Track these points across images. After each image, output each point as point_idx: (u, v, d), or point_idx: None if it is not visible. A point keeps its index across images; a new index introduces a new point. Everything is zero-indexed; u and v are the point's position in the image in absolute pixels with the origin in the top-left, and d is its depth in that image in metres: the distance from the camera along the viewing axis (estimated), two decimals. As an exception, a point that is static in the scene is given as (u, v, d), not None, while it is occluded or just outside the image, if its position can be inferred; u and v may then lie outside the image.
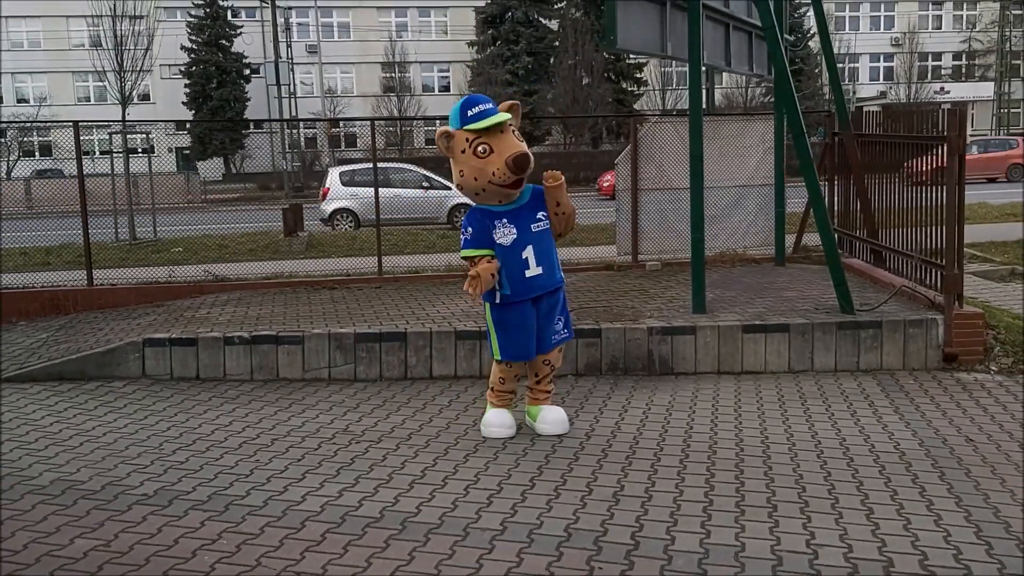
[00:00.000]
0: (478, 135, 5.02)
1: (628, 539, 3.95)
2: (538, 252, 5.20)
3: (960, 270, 6.97)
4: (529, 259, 5.17)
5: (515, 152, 4.99)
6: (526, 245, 5.17)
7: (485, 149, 5.01)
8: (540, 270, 5.21)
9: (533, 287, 5.21)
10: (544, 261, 5.23)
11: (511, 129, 5.10)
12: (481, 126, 5.00)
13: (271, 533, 4.04)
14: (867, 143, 8.98)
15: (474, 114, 5.03)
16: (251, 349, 6.83)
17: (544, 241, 5.25)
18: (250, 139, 44.88)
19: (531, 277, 5.19)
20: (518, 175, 5.02)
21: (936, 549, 3.82)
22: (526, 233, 5.18)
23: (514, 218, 5.18)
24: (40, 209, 23.57)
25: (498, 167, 4.99)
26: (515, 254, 5.16)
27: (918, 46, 51.81)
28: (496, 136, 5.03)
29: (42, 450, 5.23)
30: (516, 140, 5.09)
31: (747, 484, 4.57)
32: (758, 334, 6.84)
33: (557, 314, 5.37)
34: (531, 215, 5.23)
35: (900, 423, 5.54)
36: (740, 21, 8.79)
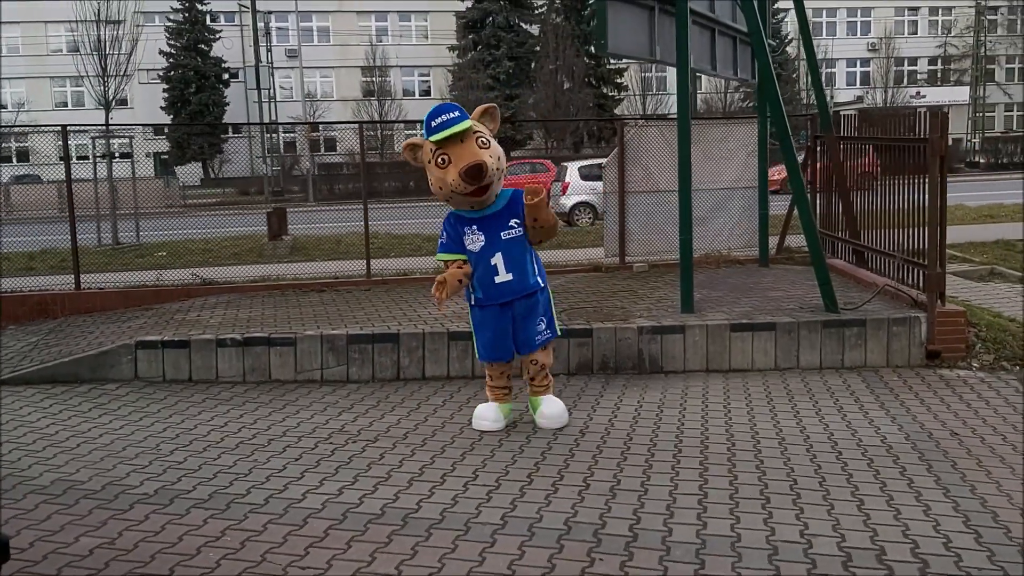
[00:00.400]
0: (438, 146, 5.09)
1: (626, 531, 4.03)
2: (508, 259, 5.27)
3: (943, 269, 7.11)
4: (498, 266, 5.26)
5: (467, 163, 5.00)
6: (495, 252, 5.26)
7: (444, 160, 5.08)
8: (510, 276, 5.28)
9: (503, 292, 5.31)
10: (515, 268, 5.29)
11: (475, 137, 5.11)
12: (437, 138, 5.05)
13: (274, 530, 4.09)
14: (849, 146, 9.13)
15: (436, 125, 5.07)
16: (243, 351, 6.86)
17: (515, 248, 5.30)
18: (229, 144, 44.73)
19: (500, 283, 5.29)
20: (472, 184, 5.04)
21: (926, 538, 3.92)
22: (495, 240, 5.26)
23: (484, 225, 5.27)
24: (19, 214, 23.44)
25: (453, 177, 5.04)
26: (484, 260, 5.28)
27: (894, 51, 52.39)
28: (455, 146, 5.07)
29: (40, 451, 5.25)
30: (474, 149, 5.07)
31: (740, 477, 4.66)
32: (745, 333, 6.95)
33: (538, 315, 5.43)
34: (502, 223, 5.28)
35: (886, 418, 5.66)
36: (725, 26, 8.92)
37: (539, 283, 5.45)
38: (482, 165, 5.01)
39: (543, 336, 5.48)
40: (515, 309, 5.36)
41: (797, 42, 43.23)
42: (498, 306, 5.34)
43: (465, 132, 5.07)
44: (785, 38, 45.08)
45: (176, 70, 45.32)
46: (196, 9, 45.73)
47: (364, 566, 3.73)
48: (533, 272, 5.41)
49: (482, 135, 5.16)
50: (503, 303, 5.33)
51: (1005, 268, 10.96)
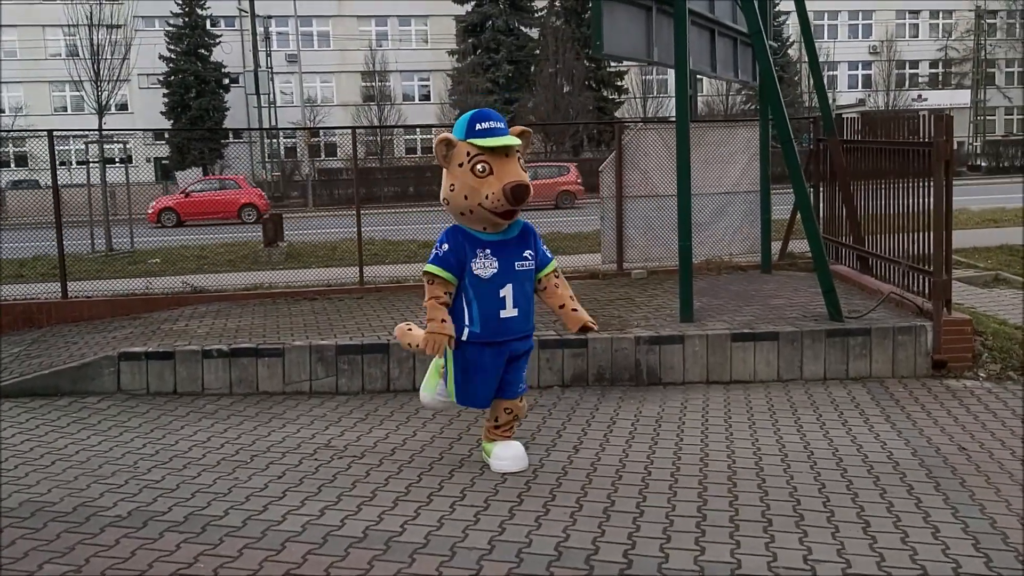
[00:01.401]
0: (481, 152, 4.56)
1: (620, 557, 3.82)
2: (517, 293, 4.73)
3: (948, 276, 6.92)
4: (507, 299, 4.69)
5: (515, 180, 4.53)
6: (506, 283, 4.69)
7: (484, 168, 4.55)
8: (516, 312, 4.73)
9: (507, 330, 4.73)
10: (522, 304, 4.76)
11: (517, 156, 4.69)
12: (487, 143, 4.56)
13: (249, 556, 3.89)
14: (852, 149, 8.95)
15: (483, 129, 4.60)
16: (230, 362, 6.66)
17: (526, 283, 4.80)
18: (229, 149, 44.57)
19: (506, 318, 4.71)
20: (513, 206, 4.56)
21: (935, 563, 3.72)
22: (509, 270, 4.70)
23: (499, 250, 4.69)
24: (15, 220, 23.28)
25: (494, 191, 4.52)
26: (492, 290, 4.68)
27: (896, 54, 52.21)
28: (500, 158, 4.58)
29: (11, 470, 5.05)
30: (519, 168, 4.65)
31: (740, 498, 4.46)
32: (747, 343, 6.75)
33: (526, 364, 4.98)
34: (518, 252, 4.76)
35: (892, 432, 5.46)
36: (725, 27, 8.74)
37: (534, 326, 5.00)
38: (528, 187, 4.57)
39: (523, 386, 4.99)
40: (512, 350, 4.80)
41: (798, 44, 43.12)
42: (497, 344, 4.74)
43: (513, 148, 4.63)
44: (787, 40, 44.91)
45: (176, 75, 45.15)
46: (196, 14, 45.59)
47: (342, 596, 3.53)
48: (533, 312, 4.93)
49: (522, 157, 4.75)
50: (502, 341, 4.74)
51: (1009, 274, 10.76)
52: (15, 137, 36.69)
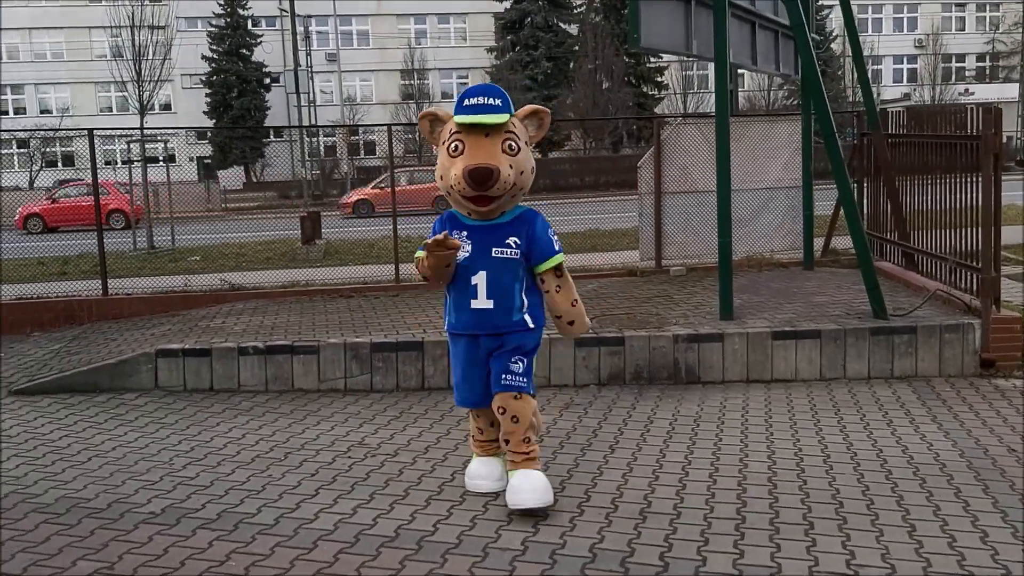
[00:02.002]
0: (459, 129, 4.16)
1: (657, 560, 3.73)
2: (492, 282, 4.22)
3: (998, 272, 6.72)
4: (479, 287, 4.23)
5: (474, 163, 4.05)
6: (478, 270, 4.22)
7: (457, 147, 4.15)
8: (490, 304, 4.23)
9: (477, 323, 4.27)
10: (498, 296, 4.23)
11: (504, 139, 4.15)
12: (462, 121, 4.14)
13: (281, 554, 3.86)
14: (897, 144, 8.74)
15: (467, 105, 4.16)
16: (266, 359, 6.67)
17: (505, 272, 4.24)
18: (270, 147, 45.01)
19: (477, 309, 4.25)
20: (474, 190, 4.08)
21: (985, 569, 3.59)
22: (483, 256, 4.22)
23: (477, 234, 4.26)
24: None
25: (457, 172, 4.11)
26: (463, 277, 4.25)
27: (942, 47, 51.23)
28: (477, 138, 4.12)
29: (49, 466, 5.08)
30: (496, 150, 4.12)
31: (781, 500, 4.35)
32: (788, 341, 6.61)
33: (516, 355, 4.31)
34: (498, 236, 4.24)
35: (938, 432, 5.30)
36: (766, 19, 8.57)
37: (525, 322, 4.32)
38: (491, 170, 4.05)
39: (515, 380, 4.28)
40: (488, 345, 4.31)
41: (841, 38, 42.46)
42: (469, 337, 4.33)
43: (496, 127, 4.13)
44: (830, 34, 44.25)
45: (218, 75, 45.73)
46: (237, 14, 46.11)
47: (373, 597, 3.49)
48: (520, 307, 4.31)
49: (514, 139, 4.18)
50: (475, 335, 4.31)
51: (1061, 271, 10.43)
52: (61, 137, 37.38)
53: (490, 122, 4.12)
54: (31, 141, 41.48)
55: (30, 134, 34.80)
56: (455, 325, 4.38)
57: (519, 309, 4.31)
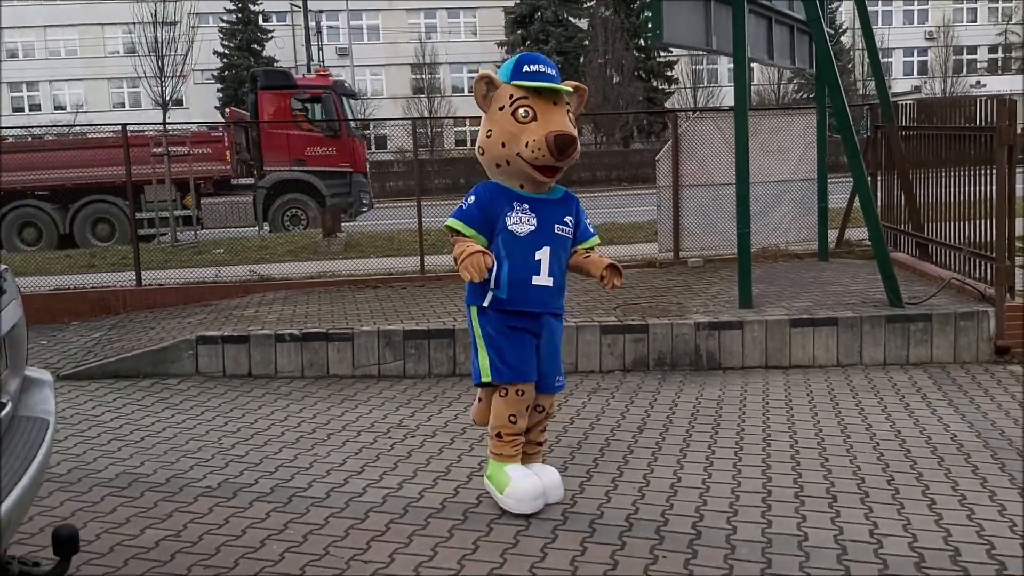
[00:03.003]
0: (526, 95, 4.06)
1: (689, 528, 3.96)
2: (554, 260, 4.16)
3: (1012, 262, 6.91)
4: (543, 263, 4.12)
5: (560, 130, 3.98)
6: (543, 245, 4.12)
7: (527, 113, 4.03)
8: (551, 282, 4.16)
9: (536, 300, 4.15)
10: (556, 274, 4.19)
11: (567, 108, 4.16)
12: (532, 85, 4.05)
13: (336, 524, 4.10)
14: (911, 136, 8.92)
15: (531, 71, 4.07)
16: (302, 346, 6.91)
17: (563, 250, 4.24)
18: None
19: (538, 286, 4.13)
20: (556, 159, 4.00)
21: (1002, 539, 3.80)
22: (547, 231, 4.15)
23: (539, 208, 4.15)
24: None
25: (535, 138, 3.98)
26: (526, 251, 4.10)
27: (953, 40, 51.13)
28: (547, 104, 4.06)
29: (105, 444, 5.33)
30: (567, 119, 4.11)
31: (804, 476, 4.57)
32: (806, 328, 6.81)
33: (559, 350, 4.38)
34: (559, 214, 4.22)
35: (955, 415, 5.51)
36: (782, 15, 8.76)
37: (563, 306, 4.40)
38: (575, 139, 4.03)
39: (561, 381, 4.37)
40: (543, 326, 4.21)
41: (852, 31, 42.49)
42: (525, 315, 4.15)
43: (560, 96, 4.12)
44: (840, 27, 44.27)
45: (230, 70, 45.98)
46: (249, 10, 46.35)
47: (426, 560, 3.72)
48: (565, 290, 4.34)
49: (571, 111, 4.22)
50: (531, 313, 4.16)
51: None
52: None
53: (563, 89, 4.12)
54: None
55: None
56: (507, 301, 4.12)
57: (564, 291, 4.34)
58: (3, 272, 3.04)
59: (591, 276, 4.37)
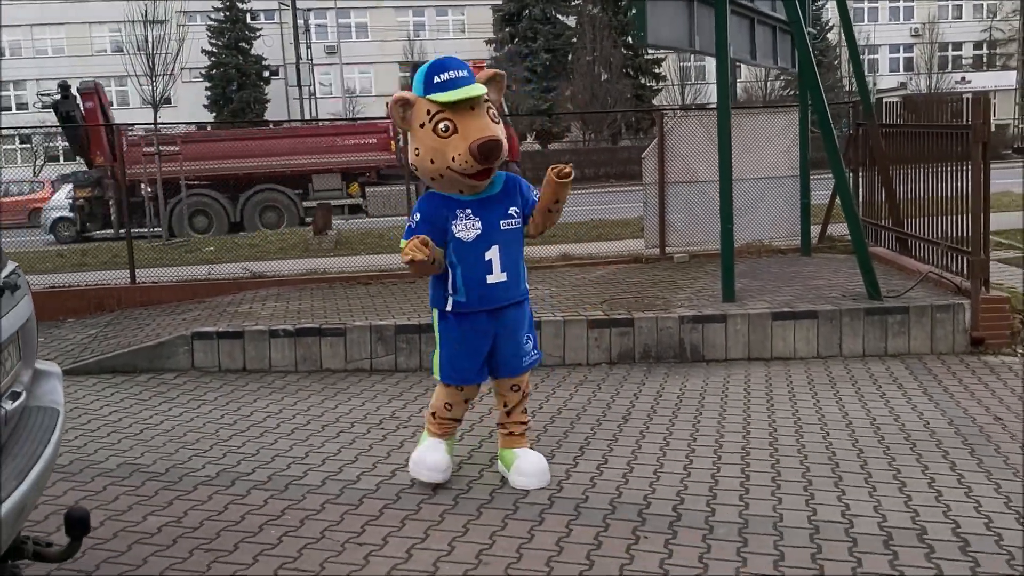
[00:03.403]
0: (442, 108, 4.09)
1: (670, 510, 4.15)
2: (505, 255, 4.32)
3: (986, 255, 7.11)
4: (493, 262, 4.29)
5: (482, 137, 4.04)
6: (491, 244, 4.28)
7: (447, 127, 4.08)
8: (504, 277, 4.32)
9: (494, 297, 4.33)
10: (510, 267, 4.35)
11: (486, 107, 4.19)
12: (447, 98, 4.07)
13: (331, 509, 4.27)
14: (891, 133, 9.12)
15: (441, 81, 4.10)
16: (295, 341, 7.07)
17: (513, 244, 4.39)
18: (271, 140, 45.31)
19: (493, 284, 4.31)
20: (483, 165, 4.11)
21: (967, 518, 3.99)
22: (493, 230, 4.29)
23: (481, 209, 4.28)
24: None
25: (460, 151, 4.06)
26: (476, 253, 4.28)
27: (938, 36, 51.52)
28: (464, 113, 4.10)
29: (105, 437, 5.48)
30: (488, 121, 4.15)
31: (782, 461, 4.75)
32: (787, 321, 7.00)
33: (525, 331, 4.53)
34: (502, 209, 4.34)
35: (929, 403, 5.70)
36: (765, 15, 8.94)
37: (527, 290, 4.55)
38: (499, 143, 4.09)
39: (531, 357, 4.56)
40: (504, 319, 4.40)
41: (838, 29, 42.74)
42: (485, 313, 4.34)
43: (478, 99, 4.13)
44: (826, 25, 44.55)
45: (218, 68, 45.96)
46: (236, 8, 46.33)
47: (418, 542, 3.89)
48: (524, 276, 4.50)
49: (492, 107, 4.24)
50: (492, 309, 4.35)
51: (1052, 255, 10.82)
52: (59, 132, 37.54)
53: (474, 94, 4.09)
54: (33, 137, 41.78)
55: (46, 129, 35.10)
56: (467, 303, 4.32)
57: (524, 278, 4.49)
58: (16, 269, 3.20)
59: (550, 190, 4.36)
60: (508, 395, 4.58)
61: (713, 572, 3.58)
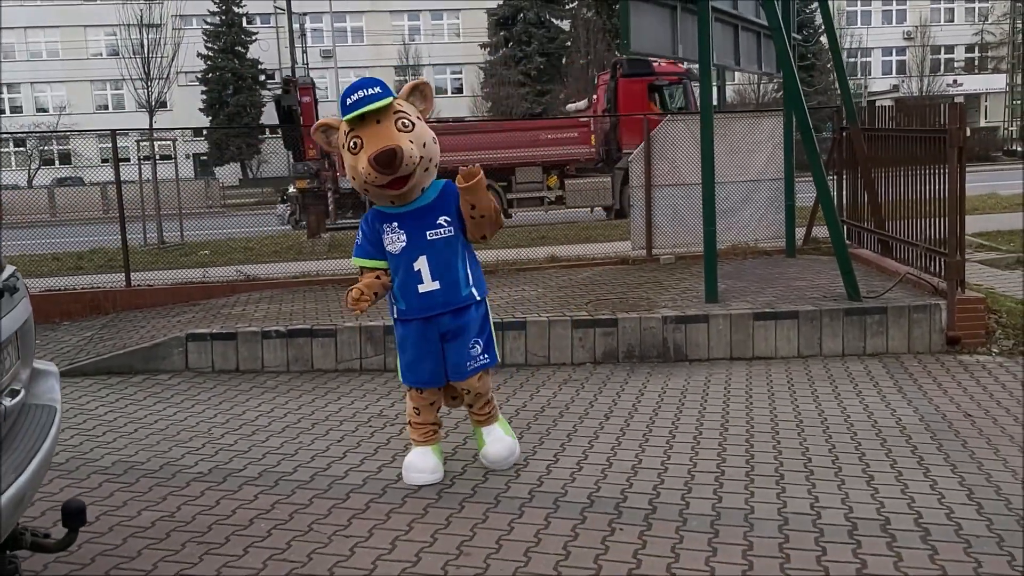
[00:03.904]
0: (352, 127, 4.37)
1: (646, 504, 4.31)
2: (434, 264, 4.49)
3: (962, 257, 7.27)
4: (422, 272, 4.48)
5: (376, 148, 4.24)
6: (418, 255, 4.48)
7: (356, 144, 4.34)
8: (437, 285, 4.50)
9: (428, 305, 4.52)
10: (443, 275, 4.51)
11: (396, 117, 4.34)
12: (350, 116, 4.35)
13: (320, 503, 4.43)
14: (873, 137, 9.29)
15: (351, 103, 4.34)
16: (287, 343, 7.23)
17: (444, 251, 4.52)
18: (266, 144, 45.45)
19: (425, 293, 4.51)
20: (386, 174, 4.28)
21: (930, 509, 4.15)
22: (419, 241, 4.47)
23: (405, 223, 4.49)
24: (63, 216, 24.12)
25: (363, 165, 4.30)
26: (406, 265, 4.50)
27: (930, 39, 51.84)
28: (370, 128, 4.32)
29: (100, 436, 5.63)
30: (391, 132, 4.30)
31: (756, 456, 4.92)
32: (768, 321, 7.17)
33: (472, 337, 4.63)
34: (428, 220, 4.50)
35: (903, 401, 5.87)
36: (748, 22, 9.12)
37: (473, 295, 4.64)
38: (395, 150, 4.22)
39: (477, 363, 4.65)
40: (441, 325, 4.58)
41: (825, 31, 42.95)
42: (421, 320, 4.57)
43: (383, 111, 4.31)
44: (817, 28, 44.81)
45: (214, 72, 46.13)
46: (232, 12, 46.50)
47: (402, 534, 4.05)
48: (467, 281, 4.61)
49: (405, 116, 4.37)
50: (427, 317, 4.56)
51: (1032, 256, 10.99)
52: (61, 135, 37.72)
53: (374, 108, 4.29)
54: (28, 140, 41.91)
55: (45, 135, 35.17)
56: (406, 311, 4.58)
57: (466, 283, 4.61)
58: (15, 272, 3.35)
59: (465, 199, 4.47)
60: (464, 396, 4.82)
61: (684, 562, 3.74)
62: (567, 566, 3.72)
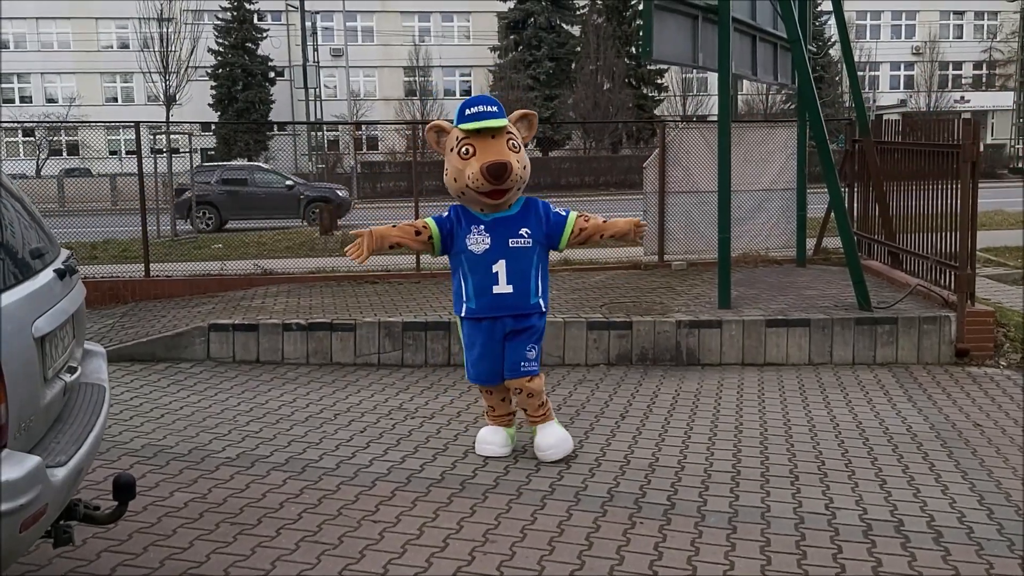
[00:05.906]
0: (467, 135, 4.81)
1: (665, 500, 4.42)
2: (511, 269, 4.87)
3: (972, 270, 7.40)
4: (500, 274, 4.86)
5: (491, 160, 4.70)
6: (498, 259, 4.86)
7: (468, 151, 4.79)
8: (510, 289, 4.87)
9: (500, 305, 4.88)
10: (517, 281, 4.89)
11: (507, 138, 4.84)
12: (470, 127, 4.79)
13: (347, 490, 4.55)
14: (886, 150, 9.42)
15: (470, 114, 4.82)
16: (307, 335, 7.35)
17: (522, 260, 4.90)
18: (274, 141, 45.59)
19: (499, 294, 4.87)
20: (492, 184, 4.73)
21: (942, 513, 4.27)
22: (501, 246, 4.87)
23: (492, 228, 4.89)
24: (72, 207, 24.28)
25: (473, 171, 4.73)
26: (485, 266, 4.87)
27: (939, 55, 51.93)
28: (485, 140, 4.79)
29: (128, 420, 5.76)
30: (503, 148, 4.79)
31: (771, 459, 5.03)
32: (780, 328, 7.29)
33: (530, 342, 4.97)
34: (512, 229, 4.90)
35: (913, 409, 5.98)
36: (766, 33, 9.25)
37: (540, 305, 5.00)
38: (507, 165, 4.71)
39: (530, 365, 4.96)
40: (506, 326, 4.92)
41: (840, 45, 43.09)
42: (490, 320, 4.91)
43: (499, 129, 4.82)
44: (828, 40, 44.96)
45: (224, 68, 46.24)
46: (244, 8, 46.63)
47: (429, 521, 4.17)
48: (536, 292, 4.97)
49: (514, 139, 4.89)
50: (496, 317, 4.90)
51: (1039, 273, 11.10)
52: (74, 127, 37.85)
53: (494, 125, 4.79)
54: (36, 131, 42.05)
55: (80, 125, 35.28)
56: (476, 310, 4.91)
57: (535, 293, 4.97)
58: (71, 255, 3.48)
59: (617, 237, 5.25)
60: (514, 395, 5.12)
61: (704, 555, 3.85)
62: (591, 555, 3.84)
